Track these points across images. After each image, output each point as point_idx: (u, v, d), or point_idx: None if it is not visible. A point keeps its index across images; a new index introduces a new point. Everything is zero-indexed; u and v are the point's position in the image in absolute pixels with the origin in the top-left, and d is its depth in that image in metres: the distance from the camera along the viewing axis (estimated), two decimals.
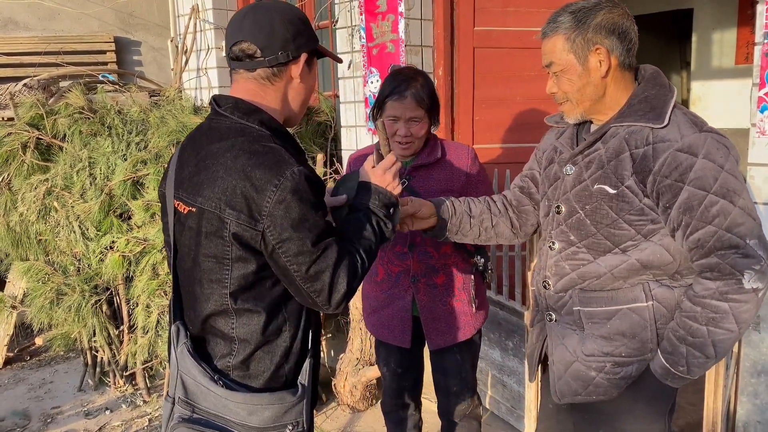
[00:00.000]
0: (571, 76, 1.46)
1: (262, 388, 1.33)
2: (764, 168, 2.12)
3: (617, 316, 1.50)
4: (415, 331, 2.08)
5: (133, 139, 3.45)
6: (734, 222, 1.33)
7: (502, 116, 3.31)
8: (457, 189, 2.04)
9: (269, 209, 1.20)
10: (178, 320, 1.40)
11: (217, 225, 1.25)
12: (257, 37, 1.31)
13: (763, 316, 2.20)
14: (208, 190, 1.26)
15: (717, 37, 6.01)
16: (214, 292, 1.30)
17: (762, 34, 2.08)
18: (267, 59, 1.31)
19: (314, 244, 1.24)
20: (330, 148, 3.72)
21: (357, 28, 3.36)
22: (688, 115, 1.42)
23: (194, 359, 1.31)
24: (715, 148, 1.34)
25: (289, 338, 1.35)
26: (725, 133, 1.43)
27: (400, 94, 1.92)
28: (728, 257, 1.33)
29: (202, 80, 4.40)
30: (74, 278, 3.36)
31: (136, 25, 5.27)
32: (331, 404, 3.27)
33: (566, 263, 1.55)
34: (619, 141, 1.44)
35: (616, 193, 1.43)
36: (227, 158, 1.25)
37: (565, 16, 1.44)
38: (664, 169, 1.36)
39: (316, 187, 1.26)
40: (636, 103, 1.44)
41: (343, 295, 1.28)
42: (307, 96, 1.43)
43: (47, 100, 3.68)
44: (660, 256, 1.44)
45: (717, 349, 1.38)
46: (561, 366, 1.60)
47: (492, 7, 3.21)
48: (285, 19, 1.33)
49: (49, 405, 3.45)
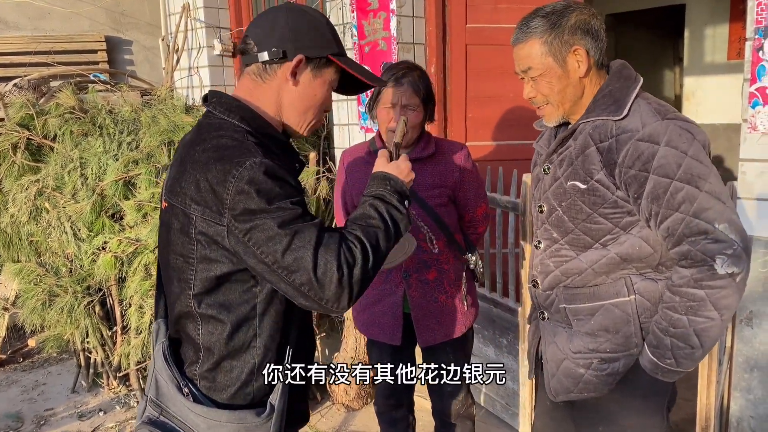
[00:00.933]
0: (551, 79, 1.46)
1: (226, 403, 1.27)
2: (756, 163, 2.12)
3: (600, 312, 1.50)
4: (406, 328, 2.07)
5: (124, 139, 3.43)
6: (701, 207, 1.31)
7: (495, 113, 3.30)
8: (450, 185, 2.04)
9: (230, 202, 1.14)
10: (161, 318, 1.38)
11: (183, 221, 1.22)
12: (256, 32, 1.30)
13: (756, 311, 2.20)
14: (177, 185, 1.23)
15: (709, 32, 6.02)
16: (182, 292, 1.27)
17: (753, 29, 2.08)
18: (258, 54, 1.28)
19: (281, 226, 1.13)
20: (323, 146, 3.70)
21: (348, 26, 3.35)
22: (653, 104, 1.41)
23: (166, 361, 1.29)
24: (677, 135, 1.34)
25: (259, 354, 1.27)
26: (717, 128, 1.44)
27: (397, 80, 1.94)
28: (698, 243, 1.32)
29: (194, 79, 4.37)
30: (66, 279, 3.34)
31: (128, 24, 5.24)
32: (326, 403, 3.26)
33: (550, 261, 1.57)
34: (584, 136, 1.45)
35: (586, 187, 1.44)
36: (197, 152, 1.22)
37: (538, 20, 1.44)
38: (628, 160, 1.36)
39: (280, 179, 1.18)
40: (600, 97, 1.45)
41: (337, 284, 1.12)
42: (309, 105, 1.33)
43: (38, 100, 3.66)
44: (639, 248, 1.44)
45: (701, 339, 1.36)
46: (553, 364, 1.61)
47: (483, 4, 3.20)
48: (291, 19, 1.29)
49: (42, 407, 3.43)
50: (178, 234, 1.23)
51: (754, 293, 2.21)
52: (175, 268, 1.28)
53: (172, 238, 1.26)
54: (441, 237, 2.04)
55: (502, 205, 2.81)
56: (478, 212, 2.14)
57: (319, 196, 3.31)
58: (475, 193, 2.10)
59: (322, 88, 1.33)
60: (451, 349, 2.11)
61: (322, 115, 1.38)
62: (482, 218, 2.17)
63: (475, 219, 2.15)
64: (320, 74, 1.32)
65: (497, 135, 3.33)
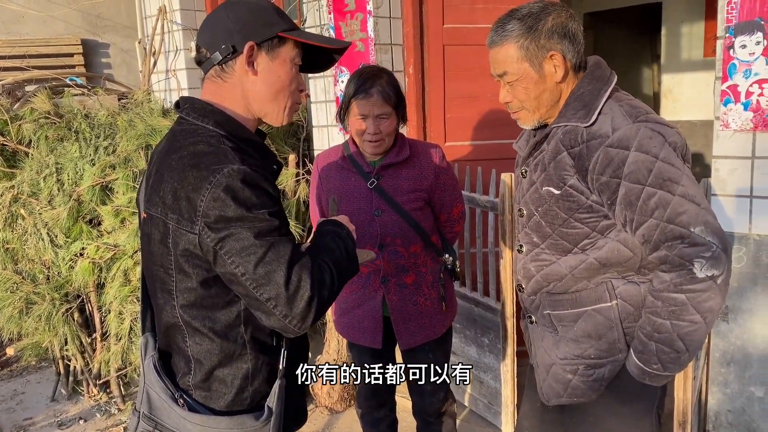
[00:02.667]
0: (527, 85, 1.43)
1: (224, 410, 1.26)
2: (728, 160, 2.15)
3: (583, 318, 1.49)
4: (385, 331, 2.07)
5: (101, 144, 3.38)
6: (675, 212, 1.29)
7: (474, 113, 3.31)
8: (426, 188, 2.04)
9: (203, 209, 1.12)
10: (148, 331, 1.36)
11: (162, 231, 1.20)
12: (203, 37, 1.28)
13: (731, 306, 2.23)
14: (155, 194, 1.21)
15: (686, 30, 6.09)
16: (167, 303, 1.26)
17: (723, 28, 2.11)
18: (211, 57, 1.25)
19: (257, 236, 1.12)
20: (302, 148, 3.69)
21: (326, 27, 3.34)
22: (625, 105, 1.38)
23: (158, 374, 1.27)
24: (647, 138, 1.31)
25: (251, 360, 1.27)
26: (695, 125, 1.43)
27: (366, 92, 1.91)
28: (675, 248, 1.30)
29: (171, 82, 4.34)
30: (44, 286, 3.29)
31: (104, 27, 5.18)
32: (309, 406, 3.25)
33: (532, 265, 1.55)
34: (556, 142, 1.43)
35: (560, 193, 1.42)
36: (173, 160, 1.20)
37: (514, 23, 1.41)
38: (599, 167, 1.34)
39: (258, 188, 1.16)
40: (572, 101, 1.43)
41: (307, 302, 1.12)
42: (277, 88, 1.29)
43: (12, 105, 3.60)
44: (618, 252, 1.42)
45: (686, 343, 1.34)
46: (543, 369, 1.60)
47: (460, 4, 3.21)
48: (230, 12, 1.25)
49: (21, 416, 3.38)
50: (158, 244, 1.21)
51: (730, 289, 2.23)
52: (158, 279, 1.26)
53: (153, 249, 1.24)
54: (417, 241, 2.03)
55: (481, 205, 2.82)
56: (454, 212, 2.15)
57: (299, 198, 3.30)
58: (450, 193, 2.11)
59: (283, 67, 1.29)
60: (431, 349, 2.12)
61: (297, 96, 1.33)
62: (458, 218, 2.18)
63: (452, 219, 2.16)
64: (277, 55, 1.27)
65: (476, 135, 3.34)
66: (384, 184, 2.00)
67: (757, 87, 2.05)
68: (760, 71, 2.04)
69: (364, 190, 2.01)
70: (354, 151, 2.03)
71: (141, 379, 1.33)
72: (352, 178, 2.03)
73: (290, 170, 3.33)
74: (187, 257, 1.18)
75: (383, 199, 1.99)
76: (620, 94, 1.44)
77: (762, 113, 2.05)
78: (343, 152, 2.06)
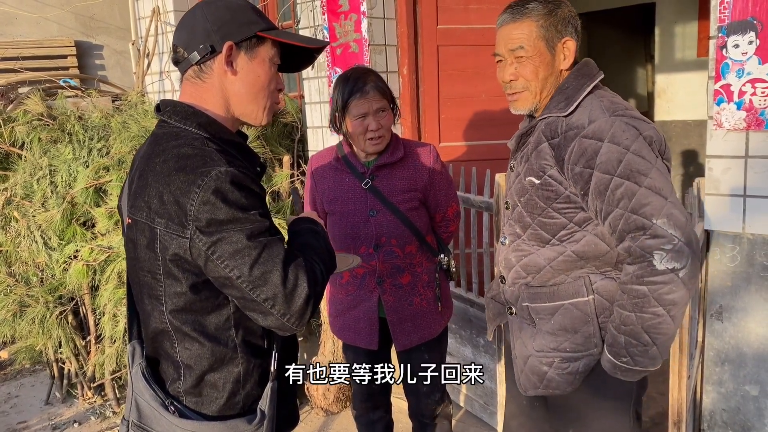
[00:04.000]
0: (538, 64, 1.45)
1: (216, 415, 1.25)
2: (722, 160, 2.16)
3: (560, 312, 1.51)
4: (381, 332, 2.07)
5: (94, 146, 3.37)
6: (639, 203, 1.31)
7: (468, 113, 3.32)
8: (420, 188, 2.04)
9: (194, 212, 1.11)
10: (135, 339, 1.34)
11: (149, 236, 1.18)
12: (180, 36, 1.26)
13: (725, 305, 2.24)
14: (140, 199, 1.19)
15: (679, 30, 6.11)
16: (154, 308, 1.24)
17: (716, 27, 2.11)
18: (189, 57, 1.24)
19: (250, 238, 1.12)
20: (297, 149, 3.69)
21: (320, 28, 3.34)
22: (605, 101, 1.42)
23: (147, 382, 1.26)
24: (621, 131, 1.34)
25: (242, 363, 1.26)
26: (689, 125, 1.46)
27: (361, 90, 1.92)
28: (638, 239, 1.32)
29: (165, 83, 4.33)
30: (37, 289, 3.27)
31: (98, 29, 5.17)
32: (305, 407, 3.24)
33: (512, 255, 1.58)
34: (538, 133, 1.47)
35: (540, 182, 1.46)
36: (156, 164, 1.18)
37: (535, 4, 1.44)
38: (573, 157, 1.38)
39: (247, 189, 1.15)
40: (556, 95, 1.47)
41: (305, 300, 1.13)
42: (257, 88, 1.28)
43: (5, 107, 3.59)
44: (595, 246, 1.45)
45: (651, 336, 1.36)
46: (521, 360, 1.63)
47: (454, 5, 3.21)
48: (208, 12, 1.23)
49: (15, 420, 3.36)
50: (145, 250, 1.20)
51: (724, 287, 2.24)
52: (144, 285, 1.24)
53: (139, 255, 1.22)
54: (413, 241, 2.03)
55: (476, 206, 2.82)
56: (449, 212, 2.15)
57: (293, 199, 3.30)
58: (445, 193, 2.11)
59: (262, 67, 1.28)
60: (427, 350, 2.11)
61: (276, 95, 1.33)
62: (453, 217, 2.18)
63: (447, 219, 2.16)
64: (256, 54, 1.27)
65: (470, 135, 3.34)
66: (378, 185, 2.00)
67: (750, 86, 2.05)
68: (753, 71, 2.04)
69: (359, 191, 2.01)
70: (348, 152, 2.03)
71: (129, 387, 1.31)
72: (347, 178, 2.03)
73: (285, 171, 3.33)
74: (176, 261, 1.16)
75: (378, 200, 1.99)
76: (603, 91, 1.48)
77: (755, 112, 2.05)
78: (337, 153, 2.06)
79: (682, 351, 1.93)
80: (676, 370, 1.96)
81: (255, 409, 1.28)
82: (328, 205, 2.06)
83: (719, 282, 2.24)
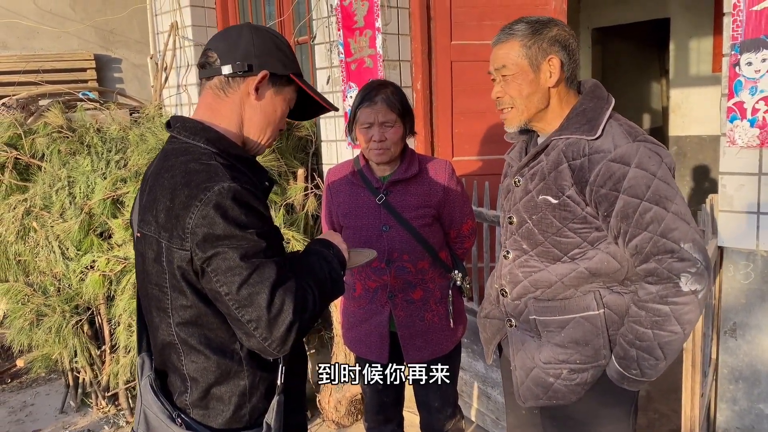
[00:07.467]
0: (521, 82, 1.50)
1: (223, 428, 1.27)
2: (735, 177, 2.15)
3: (570, 325, 1.55)
4: (393, 346, 2.07)
5: (112, 158, 3.43)
6: (668, 227, 1.38)
7: (481, 128, 3.33)
8: (435, 204, 2.05)
9: (192, 226, 1.14)
10: (144, 352, 1.37)
11: (156, 250, 1.21)
12: (219, 46, 1.31)
13: (739, 322, 2.22)
14: (149, 213, 1.23)
15: (694, 45, 6.10)
16: (162, 321, 1.26)
17: (729, 45, 2.12)
18: (222, 66, 1.28)
19: (243, 258, 1.13)
20: (311, 162, 3.72)
21: (335, 44, 3.38)
22: (624, 126, 1.47)
23: (155, 394, 1.28)
24: (647, 157, 1.40)
25: (248, 377, 1.27)
26: (704, 140, 1.49)
27: (371, 99, 1.95)
28: (665, 262, 1.38)
29: (183, 97, 4.39)
30: (54, 299, 3.32)
31: (117, 43, 5.26)
32: (316, 420, 3.25)
33: (519, 271, 1.61)
34: (557, 153, 1.49)
35: (558, 202, 1.49)
36: (165, 179, 1.21)
37: (521, 25, 1.50)
38: (599, 180, 1.42)
39: (248, 206, 1.17)
40: (574, 116, 1.50)
41: (288, 326, 1.13)
42: (269, 120, 1.34)
43: (26, 119, 3.66)
44: (607, 263, 1.49)
45: (665, 351, 1.43)
46: (522, 372, 1.65)
47: (468, 21, 3.24)
48: (256, 36, 1.30)
49: (31, 428, 3.40)
50: (153, 263, 1.23)
51: (738, 305, 2.23)
52: (152, 297, 1.27)
53: (147, 268, 1.25)
54: (425, 257, 2.04)
55: (489, 220, 2.83)
56: (464, 228, 2.15)
57: (307, 212, 3.33)
58: (460, 210, 2.11)
59: (282, 105, 1.36)
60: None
61: (276, 134, 1.40)
62: (468, 234, 2.18)
63: (462, 235, 2.16)
64: (281, 92, 1.35)
65: (484, 150, 3.36)
66: (392, 200, 2.01)
67: (763, 104, 2.06)
68: (766, 88, 2.05)
69: (373, 206, 2.03)
70: (364, 166, 2.05)
71: (138, 399, 1.34)
72: (361, 193, 2.05)
73: (299, 184, 3.36)
74: (181, 275, 1.19)
75: (391, 215, 2.00)
76: (618, 115, 1.53)
77: None
78: (354, 167, 2.08)
79: (695, 368, 1.92)
80: (689, 387, 1.95)
81: (261, 422, 1.29)
82: (343, 218, 2.08)
83: (733, 299, 2.23)
